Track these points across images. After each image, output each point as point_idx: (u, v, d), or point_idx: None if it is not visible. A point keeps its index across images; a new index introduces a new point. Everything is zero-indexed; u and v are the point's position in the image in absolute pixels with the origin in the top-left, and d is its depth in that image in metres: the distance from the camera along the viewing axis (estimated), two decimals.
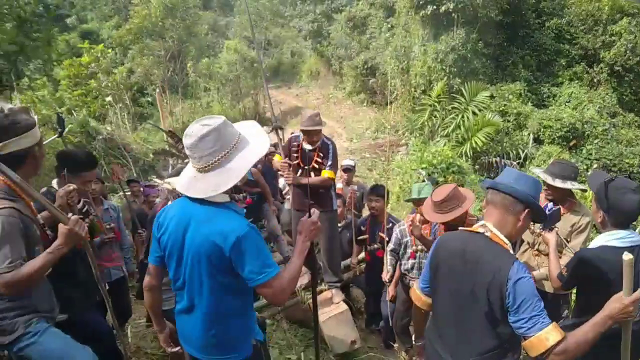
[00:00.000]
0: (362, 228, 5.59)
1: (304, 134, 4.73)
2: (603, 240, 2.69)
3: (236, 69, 21.70)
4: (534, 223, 2.39)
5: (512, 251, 2.21)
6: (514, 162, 14.25)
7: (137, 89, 21.33)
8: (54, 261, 2.41)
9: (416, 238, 4.24)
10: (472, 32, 16.42)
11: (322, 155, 4.74)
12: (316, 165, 4.75)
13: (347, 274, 5.79)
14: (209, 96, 22.50)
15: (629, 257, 1.98)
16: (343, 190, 6.48)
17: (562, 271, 2.89)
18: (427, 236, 4.25)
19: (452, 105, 15.38)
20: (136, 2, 21.49)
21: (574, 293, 3.72)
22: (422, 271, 4.47)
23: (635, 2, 16.89)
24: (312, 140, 4.71)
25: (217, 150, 2.10)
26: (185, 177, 2.24)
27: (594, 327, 2.00)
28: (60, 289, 2.80)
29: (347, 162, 6.95)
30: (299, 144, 4.85)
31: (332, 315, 4.78)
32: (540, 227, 3.50)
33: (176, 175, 2.48)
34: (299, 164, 4.82)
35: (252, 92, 22.79)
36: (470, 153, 13.89)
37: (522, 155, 14.56)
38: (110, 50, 20.09)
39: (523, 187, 2.20)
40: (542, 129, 15.02)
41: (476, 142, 13.74)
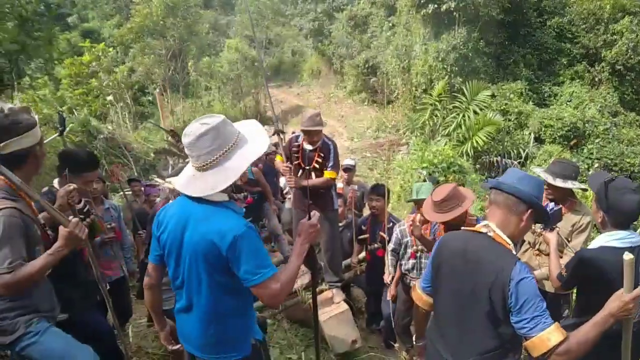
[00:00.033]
0: (363, 227, 5.58)
1: (304, 134, 4.70)
2: (603, 240, 2.69)
3: (237, 68, 21.71)
4: (536, 223, 2.38)
5: (514, 251, 2.21)
6: (515, 162, 14.25)
7: (138, 88, 21.32)
8: (53, 263, 2.42)
9: (416, 238, 4.23)
10: (474, 31, 16.40)
11: (322, 156, 4.70)
12: (317, 166, 4.72)
13: (348, 273, 5.78)
14: (210, 95, 22.51)
15: (629, 257, 1.98)
16: (343, 189, 6.49)
17: (562, 271, 2.90)
18: (426, 236, 4.25)
19: (453, 105, 15.35)
20: (137, 1, 21.47)
21: (574, 293, 3.71)
22: (424, 271, 4.49)
23: (637, 0, 16.85)
24: (312, 140, 4.67)
25: (215, 149, 2.09)
26: (185, 175, 2.24)
27: (596, 326, 1.99)
28: (61, 289, 2.80)
29: (348, 161, 6.95)
30: (299, 144, 4.81)
31: (333, 314, 4.78)
32: (541, 227, 3.50)
33: (177, 174, 2.49)
34: (299, 165, 4.79)
35: (253, 91, 22.80)
36: (471, 152, 13.86)
37: (523, 155, 14.54)
38: (111, 49, 20.08)
39: (526, 188, 2.19)
40: (543, 128, 15.00)
41: (477, 141, 13.72)
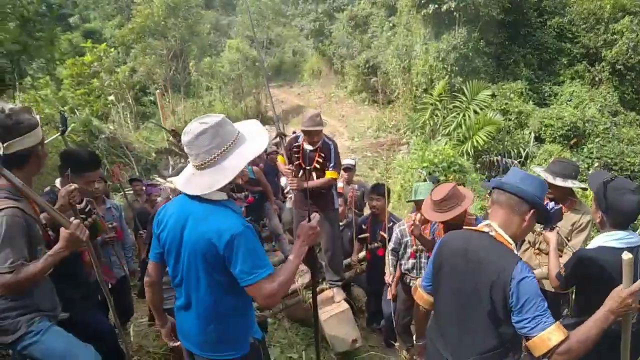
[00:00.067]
0: (363, 227, 5.59)
1: (304, 134, 4.70)
2: (601, 240, 2.69)
3: (238, 68, 21.68)
4: (537, 223, 2.38)
5: (516, 251, 2.21)
6: (515, 161, 14.25)
7: (139, 88, 21.29)
8: (54, 263, 2.44)
9: (416, 237, 4.23)
10: (474, 31, 16.39)
11: (323, 156, 4.69)
12: (318, 166, 4.71)
13: (349, 272, 5.79)
14: (211, 95, 22.47)
15: (628, 257, 1.96)
16: (344, 189, 6.50)
17: (560, 271, 2.90)
18: (426, 236, 4.26)
19: (454, 104, 15.32)
20: (139, 1, 21.46)
21: (574, 292, 3.72)
22: (424, 270, 4.50)
23: (638, 0, 16.84)
24: (312, 140, 4.67)
25: (213, 148, 2.11)
26: (184, 174, 2.26)
27: (596, 324, 1.99)
28: (62, 289, 2.82)
29: (348, 161, 6.96)
30: (299, 144, 4.81)
31: (334, 314, 4.79)
32: (541, 226, 3.50)
33: (178, 174, 2.51)
34: (300, 165, 4.78)
35: (254, 91, 22.78)
36: (471, 152, 13.84)
37: (524, 154, 14.53)
38: (112, 50, 20.09)
39: (529, 188, 2.20)
40: (543, 128, 14.99)
41: (477, 140, 13.71)
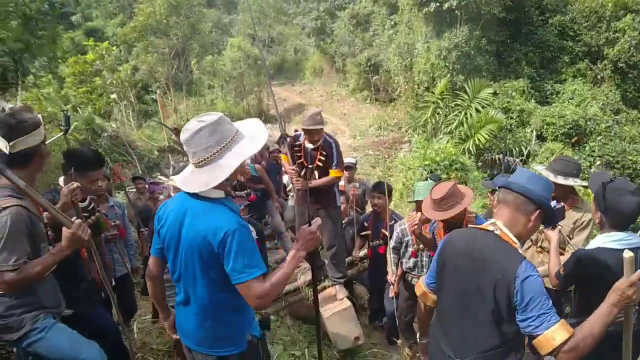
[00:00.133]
0: (365, 224, 5.60)
1: (305, 133, 4.69)
2: (600, 241, 2.69)
3: (240, 67, 21.70)
4: (543, 224, 2.39)
5: (520, 250, 2.21)
6: (517, 159, 14.24)
7: (141, 86, 21.34)
8: (56, 262, 2.48)
9: (416, 237, 4.22)
10: (475, 29, 16.40)
11: (325, 154, 4.68)
12: (320, 164, 4.70)
13: (351, 270, 5.80)
14: (213, 93, 22.51)
15: (629, 255, 1.96)
16: (345, 187, 6.50)
17: (560, 270, 2.91)
18: (426, 235, 4.25)
19: (455, 102, 15.36)
20: None
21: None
22: (426, 268, 4.51)
23: None
24: (313, 139, 4.65)
25: (210, 147, 2.13)
26: (184, 172, 2.29)
27: (600, 319, 1.99)
28: (64, 287, 2.83)
29: (349, 160, 6.96)
30: (301, 143, 4.80)
31: (336, 311, 4.79)
32: (544, 225, 3.50)
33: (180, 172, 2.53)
34: (302, 163, 4.78)
35: (255, 89, 22.81)
36: (473, 150, 13.88)
37: (525, 152, 14.52)
38: (114, 48, 20.10)
39: (536, 188, 2.19)
40: (545, 126, 14.98)
41: (479, 139, 13.73)
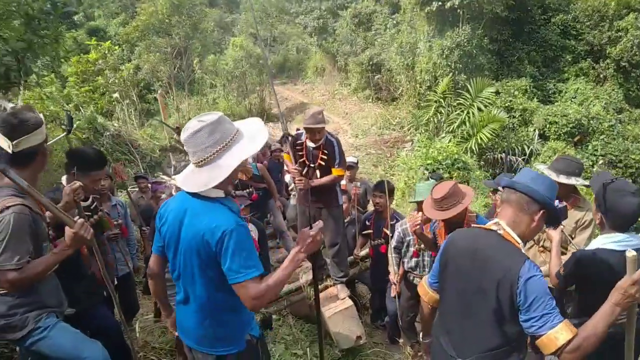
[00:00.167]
0: (367, 222, 5.61)
1: (306, 131, 4.67)
2: (600, 242, 2.69)
3: (242, 66, 21.65)
4: (546, 224, 2.39)
5: (524, 250, 2.20)
6: (519, 158, 14.24)
7: (143, 85, 21.30)
8: (58, 262, 2.51)
9: (417, 236, 4.20)
10: (478, 28, 16.40)
11: (327, 153, 4.67)
12: (322, 163, 4.69)
13: (353, 269, 5.80)
14: (215, 93, 22.48)
15: (632, 254, 1.95)
16: (346, 186, 6.50)
17: (560, 270, 2.90)
18: (427, 234, 4.24)
19: (458, 102, 15.36)
20: None
21: None
22: (427, 268, 4.51)
23: None
24: (315, 138, 4.64)
25: (209, 146, 2.14)
26: (185, 171, 2.30)
27: (603, 318, 1.98)
28: (65, 284, 2.85)
29: (350, 159, 6.94)
30: (302, 142, 4.79)
31: (338, 310, 4.79)
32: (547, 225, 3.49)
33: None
34: (304, 162, 4.77)
35: (258, 88, 22.78)
36: (475, 149, 13.87)
37: (528, 152, 14.54)
38: (117, 47, 20.03)
39: (540, 188, 2.19)
40: (547, 125, 14.98)
41: (481, 138, 13.73)
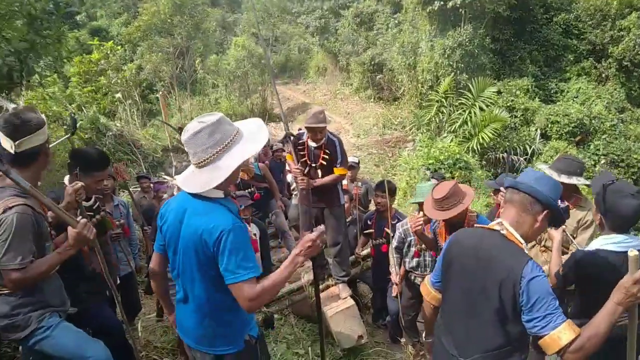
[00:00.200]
0: (369, 222, 5.61)
1: (308, 131, 4.68)
2: (599, 243, 2.69)
3: (244, 66, 21.65)
4: (550, 225, 2.39)
5: (527, 251, 2.20)
6: (521, 158, 14.23)
7: (146, 85, 21.31)
8: (61, 262, 2.52)
9: (418, 237, 4.19)
10: (480, 28, 16.37)
11: (328, 152, 4.68)
12: (324, 163, 4.71)
13: (355, 269, 5.81)
14: (217, 92, 22.50)
15: (634, 253, 1.95)
16: (348, 186, 6.51)
17: (559, 270, 2.91)
18: (428, 235, 4.24)
19: (459, 101, 15.34)
20: None
21: None
22: (429, 268, 4.51)
23: None
24: (316, 137, 4.64)
25: (209, 147, 2.15)
26: (186, 172, 2.32)
27: (605, 318, 1.98)
28: (69, 285, 2.86)
29: (351, 159, 6.92)
30: (304, 141, 4.80)
31: (339, 310, 4.80)
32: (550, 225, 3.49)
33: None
34: (306, 162, 4.78)
35: (260, 88, 22.79)
36: (477, 149, 13.85)
37: (529, 151, 14.53)
38: (119, 47, 20.06)
39: (544, 188, 2.18)
40: (549, 125, 14.97)
41: (483, 137, 13.71)
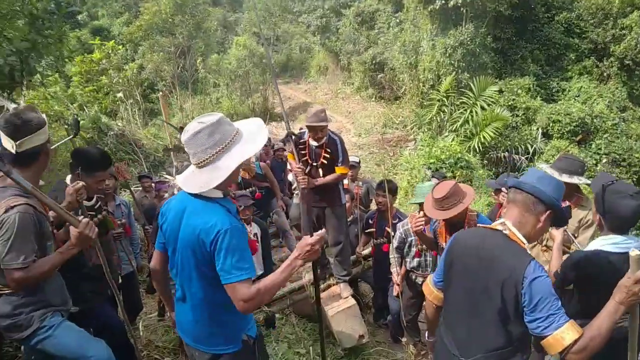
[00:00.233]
0: (370, 221, 5.61)
1: (309, 130, 4.67)
2: (598, 244, 2.68)
3: (245, 65, 21.65)
4: (552, 225, 2.38)
5: (529, 251, 2.20)
6: (523, 157, 14.21)
7: (147, 85, 21.32)
8: (63, 261, 2.53)
9: (418, 237, 4.19)
10: (481, 27, 16.33)
11: (330, 151, 4.68)
12: (325, 162, 4.70)
13: (356, 268, 5.81)
14: (218, 92, 22.51)
15: (635, 253, 1.95)
16: (349, 185, 6.51)
17: (558, 269, 2.90)
18: (427, 234, 4.23)
19: (461, 100, 15.29)
20: None
21: None
22: (430, 268, 4.51)
23: None
24: (317, 136, 4.64)
25: (209, 148, 2.16)
26: (186, 172, 2.33)
27: (607, 317, 1.98)
28: (70, 285, 2.87)
29: (352, 158, 6.92)
30: (305, 140, 4.79)
31: (341, 309, 4.80)
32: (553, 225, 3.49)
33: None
34: (307, 161, 4.78)
35: (261, 87, 22.80)
36: (478, 148, 13.79)
37: (531, 150, 14.49)
38: (121, 47, 20.08)
39: (547, 188, 2.18)
40: (551, 124, 14.93)
41: (484, 137, 13.66)
